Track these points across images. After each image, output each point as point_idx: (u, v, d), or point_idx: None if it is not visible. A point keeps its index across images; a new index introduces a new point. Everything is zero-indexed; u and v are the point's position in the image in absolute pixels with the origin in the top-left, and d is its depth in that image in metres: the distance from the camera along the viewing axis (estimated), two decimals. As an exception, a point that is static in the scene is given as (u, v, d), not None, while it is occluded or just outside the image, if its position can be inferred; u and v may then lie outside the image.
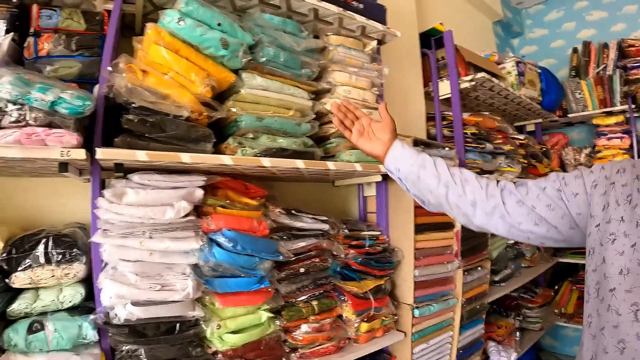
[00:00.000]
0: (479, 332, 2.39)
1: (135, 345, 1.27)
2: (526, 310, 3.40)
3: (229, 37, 1.40)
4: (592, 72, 3.79)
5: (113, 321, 1.26)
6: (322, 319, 1.65)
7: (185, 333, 1.35)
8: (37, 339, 1.21)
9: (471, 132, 2.44)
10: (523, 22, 4.88)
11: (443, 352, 2.11)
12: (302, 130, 1.63)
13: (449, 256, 2.04)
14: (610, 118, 3.67)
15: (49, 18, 1.42)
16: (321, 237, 1.69)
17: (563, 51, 4.30)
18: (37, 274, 1.26)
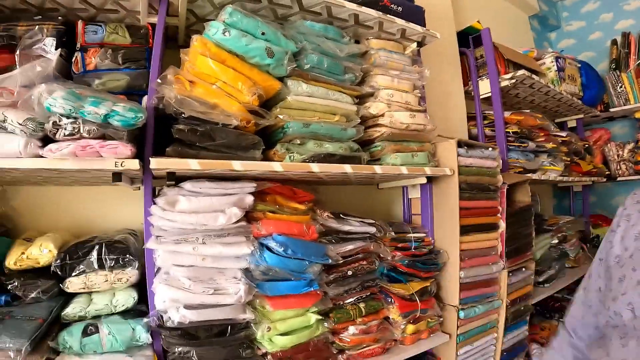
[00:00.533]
0: (523, 334, 2.35)
1: (188, 347, 1.31)
2: (570, 311, 3.32)
3: (273, 46, 1.42)
4: (632, 64, 3.65)
5: (166, 324, 1.31)
6: (369, 320, 1.67)
7: (236, 335, 1.39)
8: (91, 342, 1.26)
9: (513, 131, 2.41)
10: (559, 14, 4.75)
11: (487, 354, 2.09)
12: (347, 134, 1.65)
13: (493, 257, 2.02)
14: (653, 111, 3.55)
15: (94, 33, 1.48)
16: (368, 240, 1.71)
17: (602, 43, 4.18)
18: (91, 279, 1.32)
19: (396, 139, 1.77)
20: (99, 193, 1.67)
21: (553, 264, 2.80)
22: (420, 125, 1.79)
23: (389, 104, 1.76)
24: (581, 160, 3.25)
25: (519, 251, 2.19)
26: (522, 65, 2.67)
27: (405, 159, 1.73)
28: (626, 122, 4.08)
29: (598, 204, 4.23)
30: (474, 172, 1.92)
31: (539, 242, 2.59)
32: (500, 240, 2.04)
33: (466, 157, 1.89)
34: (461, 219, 1.86)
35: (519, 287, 2.21)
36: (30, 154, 1.13)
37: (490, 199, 2.00)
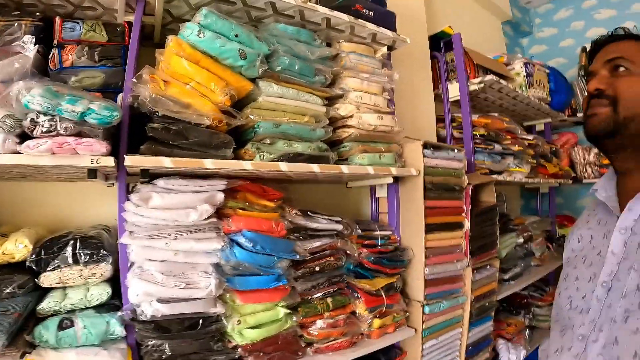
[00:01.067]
0: (488, 329, 2.44)
1: (161, 340, 1.35)
2: (536, 309, 3.41)
3: (246, 48, 1.47)
4: (601, 72, 3.80)
5: (140, 318, 1.34)
6: (336, 315, 1.72)
7: (208, 328, 1.43)
8: (67, 335, 1.28)
9: (480, 134, 2.50)
10: (532, 21, 4.88)
11: (453, 349, 2.17)
12: (316, 135, 1.70)
13: (458, 255, 2.09)
14: (619, 116, 3.69)
15: (72, 30, 1.49)
16: (335, 237, 1.77)
17: (572, 50, 4.29)
18: (66, 274, 1.34)
19: (364, 139, 1.83)
20: (73, 189, 1.69)
21: (518, 262, 2.90)
22: (387, 127, 1.85)
23: (358, 106, 1.82)
24: (548, 162, 3.36)
25: (483, 249, 2.27)
26: (491, 70, 2.76)
27: (372, 160, 1.79)
28: None
29: (565, 205, 4.37)
30: (439, 172, 1.99)
31: (504, 241, 2.68)
32: (465, 238, 2.11)
33: (432, 158, 1.96)
34: (427, 218, 1.93)
35: (483, 284, 2.29)
36: (7, 150, 1.15)
37: (455, 198, 2.08)
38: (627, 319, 0.89)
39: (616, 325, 0.90)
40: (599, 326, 0.94)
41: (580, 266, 1.05)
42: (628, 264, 0.93)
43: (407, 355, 2.02)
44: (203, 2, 1.58)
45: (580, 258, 1.07)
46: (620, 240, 0.96)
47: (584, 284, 1.02)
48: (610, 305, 0.93)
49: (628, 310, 0.89)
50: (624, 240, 0.96)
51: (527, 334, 3.08)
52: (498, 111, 3.15)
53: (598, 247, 1.03)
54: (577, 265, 1.07)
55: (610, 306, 0.93)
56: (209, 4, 1.58)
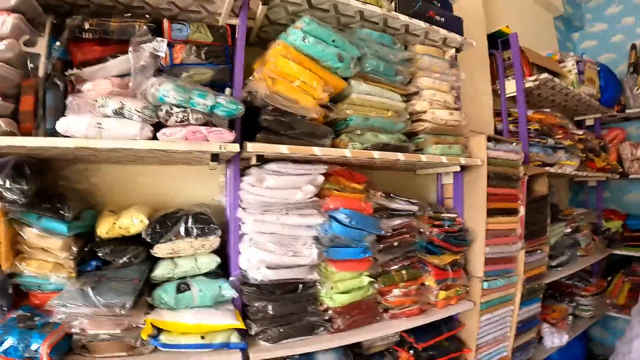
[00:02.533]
0: (536, 310, 2.67)
1: (265, 302, 1.60)
2: (579, 298, 3.56)
3: (342, 52, 1.71)
4: (649, 69, 3.87)
5: (249, 282, 1.60)
6: (409, 285, 1.98)
7: (305, 292, 1.70)
8: (184, 297, 1.48)
9: (534, 128, 2.70)
10: (583, 16, 4.93)
11: (505, 324, 2.40)
12: (397, 127, 1.95)
13: (513, 238, 2.32)
14: (666, 114, 3.77)
15: (179, 31, 1.67)
16: (411, 216, 2.03)
17: (623, 46, 4.32)
18: (178, 246, 1.54)
19: (436, 132, 2.07)
20: (174, 172, 1.90)
21: (565, 251, 3.08)
22: (456, 121, 2.09)
23: (431, 102, 2.05)
24: (596, 157, 3.50)
25: (535, 235, 2.50)
26: (545, 67, 2.93)
27: (443, 150, 2.04)
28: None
29: (611, 200, 4.44)
30: (500, 163, 2.23)
31: (553, 230, 2.87)
32: (519, 223, 2.34)
33: (494, 150, 2.20)
34: (488, 203, 2.17)
35: (534, 267, 2.52)
36: (144, 137, 1.34)
37: (513, 187, 2.31)
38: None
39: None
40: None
41: None
42: None
43: (465, 327, 2.26)
44: (300, 10, 1.82)
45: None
46: None
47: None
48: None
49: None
50: None
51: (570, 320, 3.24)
52: (550, 106, 3.31)
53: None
54: None
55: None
56: (305, 11, 1.81)
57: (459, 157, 2.09)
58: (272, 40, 1.74)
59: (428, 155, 1.98)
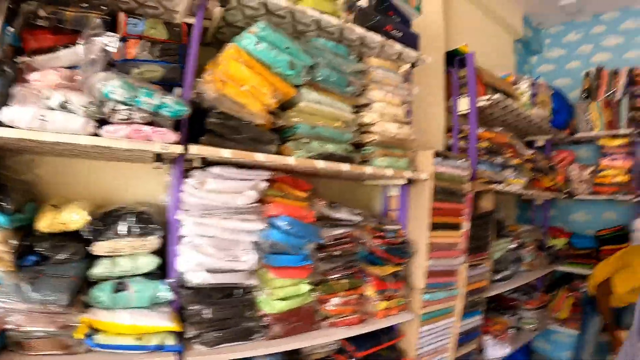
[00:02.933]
0: (477, 322, 2.74)
1: (202, 306, 1.59)
2: (523, 311, 3.67)
3: (295, 59, 1.73)
4: (602, 96, 4.02)
5: (187, 285, 1.59)
6: (349, 294, 2.00)
7: (243, 297, 1.70)
8: (121, 298, 1.46)
9: (484, 146, 2.78)
10: (542, 41, 5.11)
11: (446, 335, 2.46)
12: (345, 138, 1.98)
13: (456, 252, 2.39)
14: (615, 140, 3.93)
15: (135, 26, 1.64)
16: (354, 227, 2.05)
17: (578, 72, 4.47)
18: (118, 244, 1.51)
19: (384, 145, 2.10)
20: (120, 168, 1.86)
21: (509, 265, 3.18)
22: (405, 135, 2.14)
23: (381, 115, 2.09)
24: (544, 176, 3.63)
25: (478, 249, 2.57)
26: (499, 88, 3.02)
27: (390, 163, 2.08)
28: (591, 147, 4.42)
29: (557, 218, 4.60)
30: (446, 178, 2.29)
31: (498, 245, 2.96)
32: (463, 238, 2.40)
33: (441, 165, 2.25)
34: (432, 217, 2.22)
35: (476, 280, 2.59)
36: (87, 132, 1.32)
37: (458, 202, 2.37)
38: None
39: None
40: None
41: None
42: None
43: (405, 337, 2.30)
44: (257, 14, 1.82)
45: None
46: None
47: None
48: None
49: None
50: None
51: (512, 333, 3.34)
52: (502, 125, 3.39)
53: None
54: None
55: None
56: (262, 16, 1.82)
57: (404, 171, 2.13)
58: (228, 41, 1.72)
59: (373, 167, 2.01)
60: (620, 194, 3.86)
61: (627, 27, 4.44)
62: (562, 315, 4.06)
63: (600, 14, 4.61)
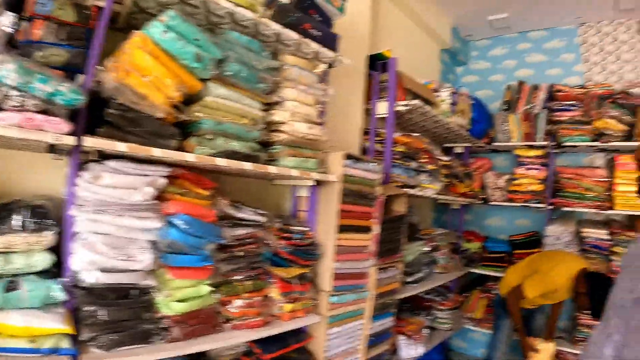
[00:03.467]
0: (389, 323, 2.76)
1: (97, 307, 1.49)
2: (437, 312, 3.80)
3: (203, 52, 1.66)
4: (521, 109, 4.22)
5: (80, 285, 1.49)
6: (253, 296, 1.95)
7: (140, 299, 1.61)
8: (13, 297, 1.34)
9: (399, 150, 2.82)
10: (469, 53, 5.28)
11: (355, 337, 2.46)
12: (252, 135, 1.92)
13: (366, 254, 2.39)
14: (531, 151, 4.14)
15: (43, 5, 1.49)
16: (258, 227, 2.00)
17: (501, 85, 4.64)
18: (11, 240, 1.39)
19: (293, 145, 2.06)
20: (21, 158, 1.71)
21: (423, 268, 3.24)
22: (316, 136, 2.11)
23: (292, 114, 2.05)
24: (459, 182, 3.75)
25: (389, 252, 2.59)
26: (419, 94, 3.08)
27: (298, 163, 2.04)
28: (508, 156, 4.63)
29: (473, 223, 4.79)
30: (356, 181, 2.29)
31: (411, 248, 3.01)
32: (373, 241, 2.41)
33: (351, 167, 2.24)
34: (340, 219, 2.21)
35: (387, 283, 2.61)
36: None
37: (368, 205, 2.38)
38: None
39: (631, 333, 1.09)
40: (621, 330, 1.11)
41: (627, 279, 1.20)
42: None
43: (314, 340, 2.27)
44: (170, 2, 1.74)
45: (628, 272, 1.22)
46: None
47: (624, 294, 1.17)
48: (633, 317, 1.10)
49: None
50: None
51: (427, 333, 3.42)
52: (421, 131, 3.48)
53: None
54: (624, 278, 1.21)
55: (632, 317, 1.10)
56: (175, 5, 1.74)
57: (313, 172, 2.11)
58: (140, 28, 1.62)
59: (278, 167, 1.97)
60: (534, 202, 4.05)
61: (552, 46, 4.67)
62: (476, 315, 4.27)
63: (527, 31, 4.82)
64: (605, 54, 4.33)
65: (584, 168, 3.91)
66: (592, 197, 3.77)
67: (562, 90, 4.04)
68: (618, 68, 4.23)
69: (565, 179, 3.93)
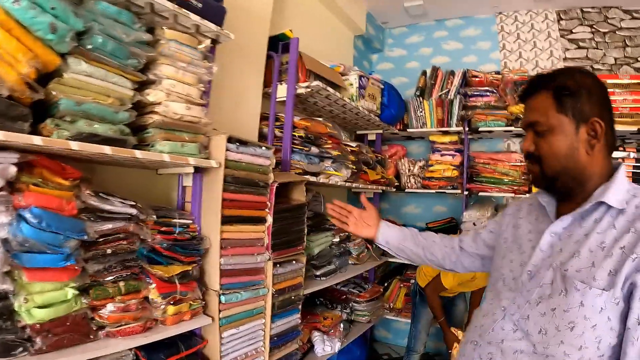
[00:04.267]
0: (295, 321, 2.59)
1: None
2: (355, 304, 3.70)
3: (59, 22, 1.41)
4: (435, 94, 4.23)
5: None
6: (128, 299, 1.72)
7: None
8: None
9: (299, 135, 2.64)
10: (384, 40, 5.23)
11: (256, 338, 2.27)
12: (119, 117, 1.67)
13: (259, 248, 2.20)
14: (446, 137, 4.14)
15: None
16: (129, 221, 1.76)
17: (417, 72, 4.59)
18: None
19: (168, 127, 1.83)
20: None
21: (333, 260, 3.10)
22: (195, 117, 1.89)
23: (169, 94, 1.82)
24: (370, 169, 3.64)
25: (288, 244, 2.41)
26: (323, 77, 2.92)
27: (173, 148, 1.81)
28: (422, 143, 4.65)
29: (389, 210, 4.78)
30: (243, 167, 2.08)
31: (317, 239, 2.86)
32: (267, 232, 2.23)
33: (236, 152, 2.03)
34: (225, 210, 2.00)
35: (287, 278, 2.43)
36: None
37: (259, 194, 2.18)
38: (539, 303, 1.11)
39: (530, 306, 1.13)
40: (518, 303, 1.17)
41: (516, 252, 1.29)
42: (549, 261, 1.14)
43: (209, 344, 2.07)
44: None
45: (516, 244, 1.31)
46: (548, 240, 1.18)
47: (516, 266, 1.24)
48: (529, 290, 1.15)
49: (541, 297, 1.11)
50: (551, 242, 1.17)
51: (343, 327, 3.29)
52: (329, 117, 3.35)
53: (533, 241, 1.24)
54: (513, 250, 1.31)
55: (529, 290, 1.15)
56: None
57: (190, 157, 1.87)
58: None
59: (144, 152, 1.72)
60: (449, 187, 4.06)
61: (467, 34, 4.71)
62: (397, 305, 4.25)
63: (443, 19, 4.83)
64: (521, 42, 4.42)
65: (499, 153, 3.98)
66: (508, 181, 3.84)
67: (477, 76, 4.11)
68: (534, 56, 4.32)
69: (481, 164, 3.99)
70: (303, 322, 2.83)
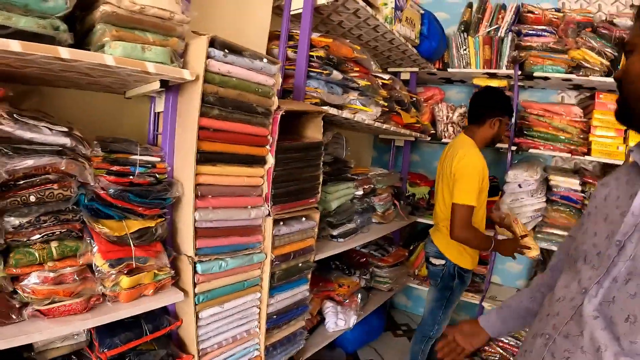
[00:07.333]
0: (302, 294, 2.07)
1: None
2: (376, 269, 3.24)
3: None
4: (482, 31, 3.57)
5: None
6: (63, 267, 1.25)
7: None
8: None
9: (317, 55, 2.01)
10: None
11: (249, 317, 1.79)
12: (50, 8, 1.11)
13: (254, 199, 1.65)
14: (493, 81, 3.47)
15: None
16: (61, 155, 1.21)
17: (460, 7, 3.93)
18: None
19: (122, 24, 1.25)
20: None
21: (355, 217, 2.58)
22: (163, 11, 1.27)
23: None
24: (404, 111, 3.03)
25: (296, 196, 1.85)
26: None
27: (128, 51, 1.23)
28: (464, 88, 4.04)
29: (420, 164, 4.26)
30: (233, 84, 1.48)
31: (336, 191, 2.32)
32: (266, 178, 1.67)
33: (223, 62, 1.43)
34: (204, 143, 1.43)
35: (294, 240, 1.90)
36: None
37: (256, 124, 1.60)
38: (628, 282, 0.89)
39: (617, 285, 0.91)
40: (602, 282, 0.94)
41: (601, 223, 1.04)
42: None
43: (184, 325, 1.59)
44: None
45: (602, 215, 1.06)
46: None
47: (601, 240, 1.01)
48: (616, 264, 0.92)
49: (631, 273, 0.89)
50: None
51: (361, 297, 2.84)
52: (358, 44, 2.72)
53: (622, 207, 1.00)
54: (597, 221, 1.06)
55: (616, 265, 0.93)
56: None
57: (146, 63, 1.26)
58: None
59: (75, 51, 1.11)
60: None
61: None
62: (422, 273, 3.75)
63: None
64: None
65: (555, 105, 3.33)
66: (565, 139, 3.20)
67: (533, 12, 3.39)
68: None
69: (534, 115, 3.34)
70: (313, 290, 2.32)
